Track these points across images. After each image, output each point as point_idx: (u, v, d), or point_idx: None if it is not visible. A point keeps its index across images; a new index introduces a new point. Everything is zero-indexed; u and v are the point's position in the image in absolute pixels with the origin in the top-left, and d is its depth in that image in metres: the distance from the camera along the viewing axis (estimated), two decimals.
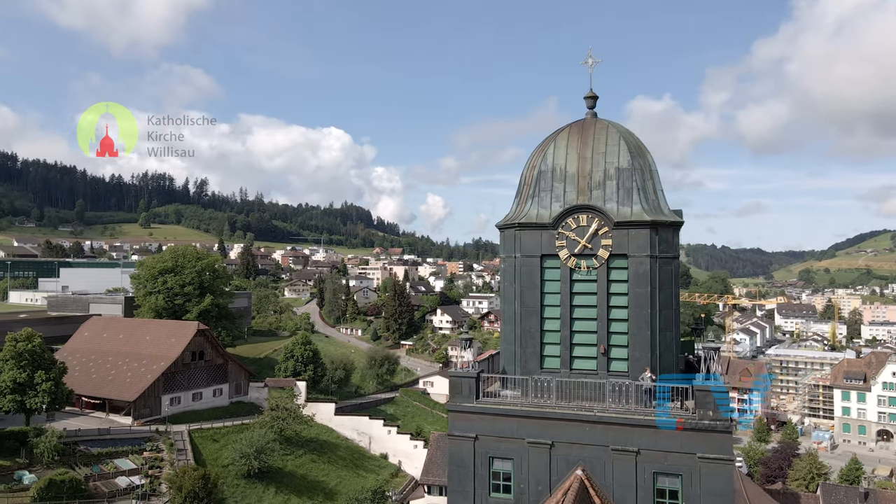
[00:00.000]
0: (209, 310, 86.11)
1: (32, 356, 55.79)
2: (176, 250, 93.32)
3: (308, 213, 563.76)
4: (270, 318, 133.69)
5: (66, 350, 76.47)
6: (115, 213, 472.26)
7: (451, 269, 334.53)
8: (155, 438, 61.09)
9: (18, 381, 54.78)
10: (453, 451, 21.89)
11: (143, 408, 66.19)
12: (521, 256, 22.34)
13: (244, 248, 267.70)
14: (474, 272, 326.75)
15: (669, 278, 21.49)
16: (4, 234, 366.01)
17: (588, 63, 25.06)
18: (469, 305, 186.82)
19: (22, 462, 52.18)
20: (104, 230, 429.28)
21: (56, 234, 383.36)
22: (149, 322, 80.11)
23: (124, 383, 67.59)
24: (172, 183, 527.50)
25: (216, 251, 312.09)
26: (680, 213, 23.32)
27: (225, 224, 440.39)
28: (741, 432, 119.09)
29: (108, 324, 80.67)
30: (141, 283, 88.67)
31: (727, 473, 19.07)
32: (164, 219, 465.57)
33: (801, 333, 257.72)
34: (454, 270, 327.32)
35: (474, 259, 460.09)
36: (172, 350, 70.30)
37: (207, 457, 61.48)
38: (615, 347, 21.30)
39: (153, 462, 56.71)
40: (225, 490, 57.63)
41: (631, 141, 22.72)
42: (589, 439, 20.02)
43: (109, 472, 54.26)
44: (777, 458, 79.60)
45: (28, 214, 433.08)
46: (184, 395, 70.69)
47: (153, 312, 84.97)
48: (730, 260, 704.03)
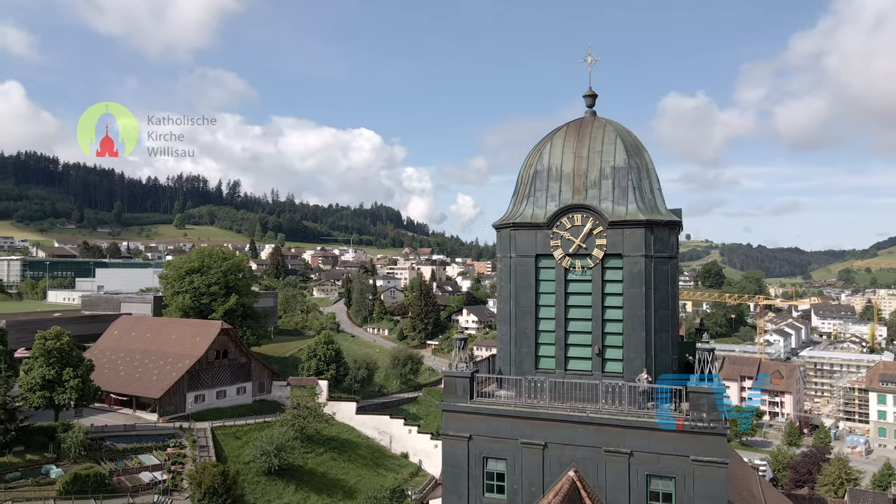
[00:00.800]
0: (234, 309, 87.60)
1: (61, 354, 57.53)
2: (202, 251, 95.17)
3: (338, 213, 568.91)
4: (296, 317, 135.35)
5: (96, 348, 78.67)
6: (151, 214, 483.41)
7: (478, 269, 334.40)
8: (178, 435, 62.43)
9: (47, 377, 56.57)
10: (447, 451, 21.91)
11: (169, 405, 67.67)
12: (516, 256, 22.28)
13: (274, 249, 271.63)
14: None
15: (665, 278, 21.18)
16: (46, 236, 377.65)
17: (587, 61, 24.85)
18: (495, 305, 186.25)
19: (50, 456, 53.80)
20: (141, 231, 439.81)
21: (95, 236, 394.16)
22: (175, 321, 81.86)
23: (150, 381, 69.20)
24: (206, 185, 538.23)
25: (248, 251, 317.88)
26: (679, 213, 23.02)
27: (257, 225, 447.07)
28: (772, 435, 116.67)
29: (136, 323, 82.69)
30: (169, 283, 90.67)
31: (721, 476, 18.76)
32: (198, 220, 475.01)
33: (839, 335, 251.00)
34: (482, 270, 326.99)
35: None
36: (197, 349, 71.75)
37: (229, 454, 62.57)
38: (610, 348, 21.09)
39: (176, 458, 57.96)
40: (245, 487, 58.60)
41: (628, 140, 22.48)
42: (582, 440, 19.87)
43: (133, 467, 55.64)
44: (806, 462, 77.73)
45: (69, 216, 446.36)
46: (208, 393, 72.07)
47: (180, 312, 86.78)
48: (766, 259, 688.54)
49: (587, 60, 24.81)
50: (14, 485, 49.02)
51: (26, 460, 52.87)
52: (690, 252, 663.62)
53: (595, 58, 24.82)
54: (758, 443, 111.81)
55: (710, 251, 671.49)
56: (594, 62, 24.81)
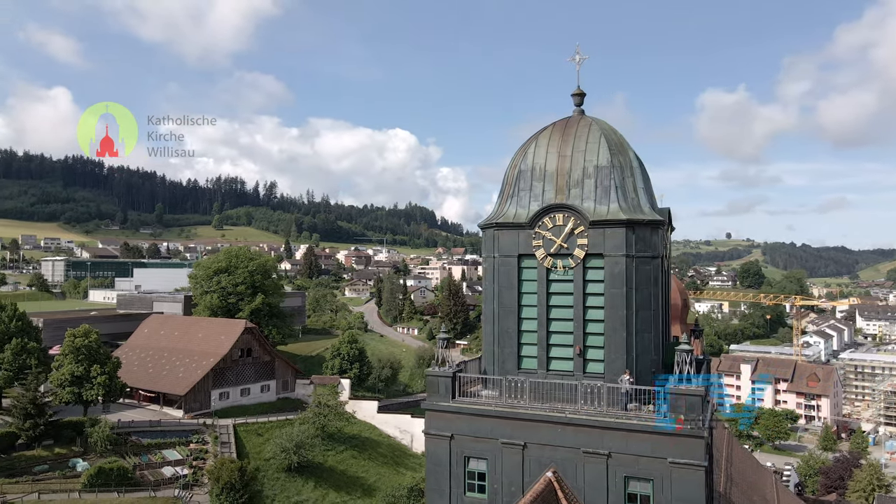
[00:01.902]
0: (260, 309, 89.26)
1: (89, 351, 59.53)
2: (230, 251, 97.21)
3: (373, 213, 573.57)
4: (325, 316, 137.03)
5: (127, 346, 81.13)
6: (191, 215, 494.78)
7: None
8: (202, 431, 63.94)
9: (76, 374, 58.61)
10: (430, 449, 22.03)
11: (194, 402, 69.36)
12: (499, 256, 22.29)
13: (307, 249, 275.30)
14: None
15: (648, 278, 20.90)
16: (91, 237, 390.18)
17: (575, 60, 24.73)
18: None
19: (77, 450, 55.71)
20: (181, 232, 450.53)
21: (137, 237, 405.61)
22: (201, 320, 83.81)
23: (177, 378, 71.03)
24: (244, 186, 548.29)
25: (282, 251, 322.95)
26: (665, 213, 22.76)
27: (292, 225, 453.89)
28: (807, 440, 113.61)
29: (165, 321, 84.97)
30: (198, 283, 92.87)
31: (698, 479, 18.55)
32: (235, 221, 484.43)
33: (885, 337, 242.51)
34: None
35: None
36: (221, 347, 73.36)
37: (251, 450, 63.82)
38: (592, 349, 20.97)
39: (198, 454, 59.37)
40: (265, 483, 59.70)
41: (612, 138, 22.30)
42: (561, 441, 19.81)
43: (157, 461, 57.23)
44: (838, 467, 75.41)
45: (113, 218, 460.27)
46: (232, 391, 73.62)
47: (209, 311, 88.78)
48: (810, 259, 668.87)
49: (575, 59, 24.69)
50: (42, 477, 50.98)
51: (54, 453, 54.90)
52: (731, 251, 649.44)
53: (583, 56, 24.67)
54: (791, 447, 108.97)
55: (752, 250, 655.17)
56: (582, 61, 24.67)
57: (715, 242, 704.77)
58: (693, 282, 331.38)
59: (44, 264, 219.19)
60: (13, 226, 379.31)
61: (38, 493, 48.34)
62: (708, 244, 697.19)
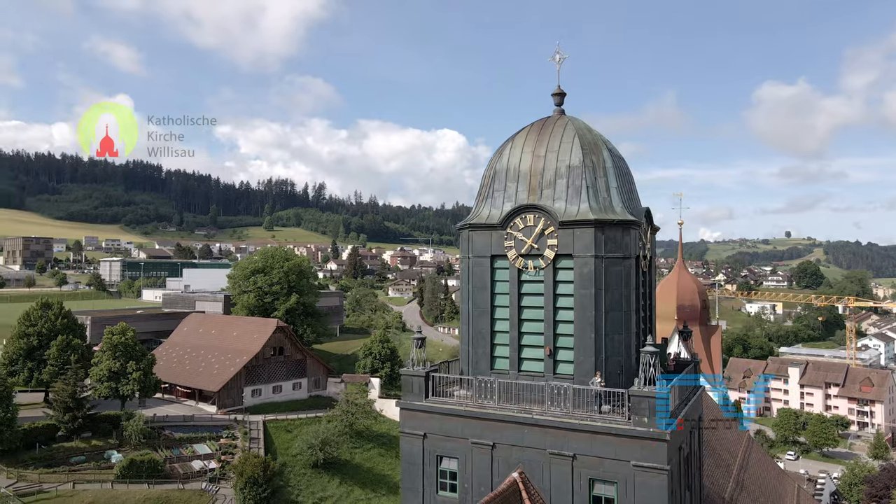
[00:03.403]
0: (295, 308, 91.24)
1: (125, 348, 62.18)
2: (266, 252, 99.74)
3: (420, 214, 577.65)
4: (363, 316, 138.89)
5: (168, 343, 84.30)
6: (244, 217, 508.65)
7: None
8: (232, 427, 65.88)
9: (113, 370, 61.29)
10: (404, 448, 22.35)
11: (227, 398, 71.53)
12: (473, 257, 22.43)
13: (352, 250, 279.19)
14: None
15: (619, 279, 20.69)
16: (149, 238, 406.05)
17: (556, 59, 24.61)
18: None
19: (113, 443, 58.29)
20: (233, 233, 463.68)
21: (192, 238, 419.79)
22: (237, 319, 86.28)
23: (211, 375, 73.40)
24: (293, 188, 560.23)
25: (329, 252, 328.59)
26: (642, 213, 22.45)
27: (340, 226, 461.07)
28: (858, 447, 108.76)
29: (203, 320, 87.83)
30: (236, 283, 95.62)
31: (661, 483, 18.28)
32: (285, 222, 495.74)
33: None
34: None
35: None
36: (254, 345, 75.39)
37: (279, 446, 65.38)
38: (562, 350, 20.89)
39: (227, 448, 61.22)
40: (292, 478, 61.10)
41: (587, 138, 22.14)
42: (528, 442, 19.85)
43: (187, 455, 59.30)
44: (884, 476, 71.90)
45: (170, 220, 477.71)
46: (264, 388, 75.58)
47: (245, 310, 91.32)
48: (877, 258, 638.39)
49: (555, 58, 24.55)
50: (78, 468, 53.60)
51: (91, 445, 57.60)
52: (790, 250, 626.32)
53: (563, 55, 24.53)
54: (841, 454, 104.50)
55: (813, 249, 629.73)
56: (562, 60, 24.53)
57: (773, 241, 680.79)
58: (746, 282, 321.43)
59: (102, 265, 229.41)
60: (78, 228, 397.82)
61: (73, 483, 50.86)
62: (766, 243, 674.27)
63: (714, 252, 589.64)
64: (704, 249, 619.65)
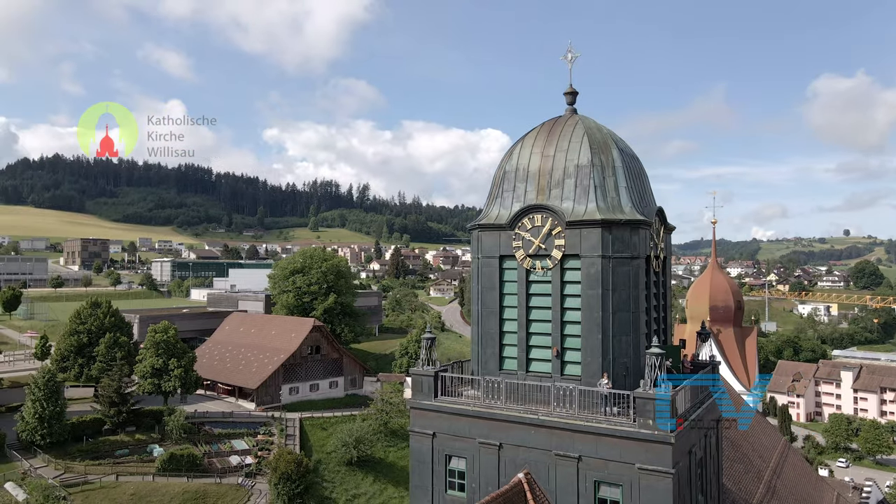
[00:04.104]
0: (333, 307, 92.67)
1: (167, 346, 64.33)
2: (305, 252, 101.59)
3: (463, 214, 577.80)
4: (403, 316, 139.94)
5: (210, 341, 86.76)
6: (290, 218, 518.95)
7: None
8: (270, 423, 67.40)
9: (155, 366, 63.50)
10: (414, 447, 22.58)
11: (265, 395, 73.21)
12: (482, 257, 22.50)
13: (395, 250, 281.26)
14: None
15: (627, 280, 20.44)
16: (200, 239, 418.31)
17: (567, 58, 24.44)
18: None
19: (155, 437, 60.37)
20: (280, 234, 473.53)
21: (240, 238, 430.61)
22: (276, 318, 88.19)
23: (250, 372, 75.23)
24: (338, 189, 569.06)
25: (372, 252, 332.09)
26: (653, 213, 22.07)
27: (383, 226, 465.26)
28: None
29: (244, 319, 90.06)
30: (276, 283, 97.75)
31: (666, 487, 18.02)
32: (330, 222, 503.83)
33: None
34: None
35: None
36: (291, 344, 76.95)
37: (314, 443, 66.54)
38: (570, 351, 20.78)
39: (263, 444, 62.65)
40: (326, 475, 62.15)
41: (596, 137, 21.94)
42: (534, 443, 19.82)
43: (225, 450, 60.97)
44: None
45: (219, 221, 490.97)
46: (301, 386, 77.06)
47: (285, 309, 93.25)
48: None
49: (567, 57, 24.37)
50: (122, 460, 55.78)
51: (135, 439, 59.82)
52: (849, 249, 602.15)
53: (575, 54, 24.37)
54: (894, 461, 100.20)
55: (873, 248, 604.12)
56: (574, 58, 24.37)
57: (830, 240, 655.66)
58: (799, 282, 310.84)
59: (154, 265, 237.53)
60: (133, 229, 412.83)
61: (116, 475, 52.94)
62: (822, 242, 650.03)
63: (767, 251, 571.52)
64: (756, 248, 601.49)
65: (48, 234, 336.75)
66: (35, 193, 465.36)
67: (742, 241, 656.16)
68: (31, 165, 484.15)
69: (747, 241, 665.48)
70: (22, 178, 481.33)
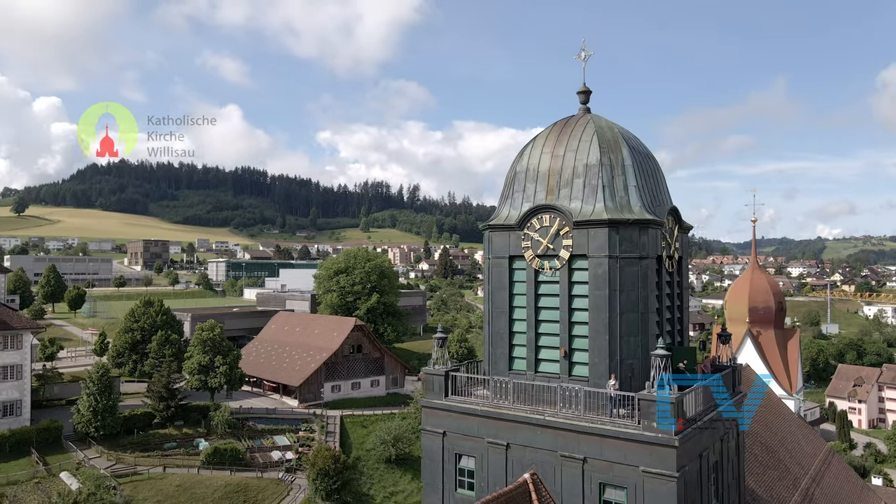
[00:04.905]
0: (376, 307, 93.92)
1: (213, 343, 66.60)
2: (349, 252, 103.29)
3: None
4: (447, 315, 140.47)
5: (257, 339, 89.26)
6: (341, 218, 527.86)
7: None
8: (311, 420, 68.88)
9: (202, 363, 65.85)
10: (425, 445, 22.89)
11: (308, 393, 74.86)
12: (493, 258, 22.65)
13: (443, 250, 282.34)
14: None
15: (635, 280, 20.26)
16: (255, 240, 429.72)
17: (581, 56, 24.30)
18: None
19: (202, 431, 62.58)
20: (331, 235, 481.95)
21: (293, 239, 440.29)
22: (319, 317, 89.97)
23: (294, 370, 77.06)
24: (388, 190, 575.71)
25: (421, 252, 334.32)
26: (665, 213, 21.70)
27: (433, 226, 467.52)
28: None
29: (289, 318, 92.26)
30: (321, 283, 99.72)
31: (670, 491, 17.79)
32: (380, 223, 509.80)
33: None
34: None
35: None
36: (333, 342, 78.43)
37: (354, 441, 67.60)
38: (578, 352, 20.74)
39: (304, 441, 64.09)
40: (365, 472, 63.10)
41: (606, 136, 21.78)
42: (540, 443, 19.87)
43: (267, 446, 62.67)
44: None
45: (274, 222, 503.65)
46: (343, 384, 78.40)
47: (329, 309, 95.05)
48: None
49: (580, 56, 24.23)
50: (170, 453, 58.06)
51: (182, 433, 62.16)
52: None
53: (588, 52, 24.17)
54: None
55: None
56: (587, 57, 24.18)
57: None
58: (866, 282, 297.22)
59: (210, 265, 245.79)
60: (192, 231, 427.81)
61: (163, 467, 55.16)
62: (894, 240, 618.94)
63: (832, 250, 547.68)
64: (821, 248, 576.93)
65: (114, 236, 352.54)
66: (102, 197, 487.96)
67: (806, 240, 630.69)
68: (99, 170, 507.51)
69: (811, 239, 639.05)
70: (91, 182, 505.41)
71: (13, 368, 60.44)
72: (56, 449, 57.47)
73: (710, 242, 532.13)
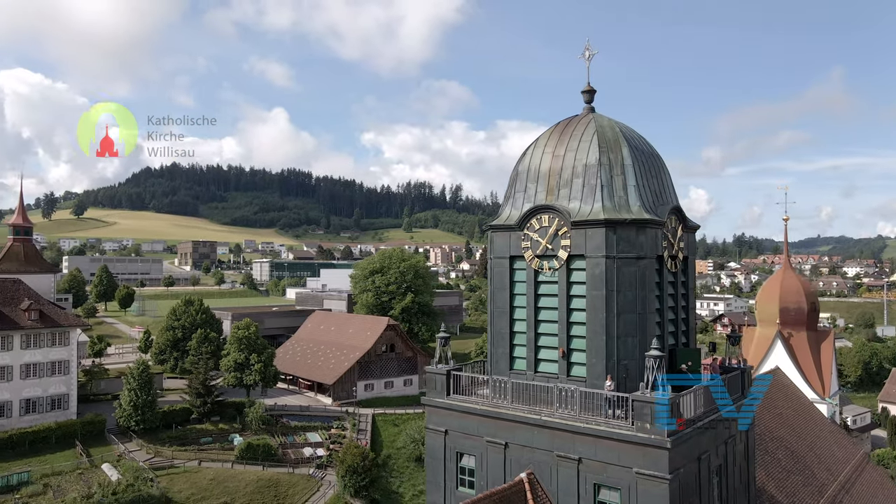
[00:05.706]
0: (410, 307, 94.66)
1: (249, 341, 68.33)
2: (384, 253, 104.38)
3: None
4: (484, 315, 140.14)
5: (294, 338, 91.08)
6: (384, 219, 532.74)
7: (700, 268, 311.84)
8: (343, 418, 69.95)
9: (238, 361, 67.64)
10: (428, 443, 23.25)
11: (341, 391, 76.03)
12: (494, 258, 22.83)
13: (484, 249, 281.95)
14: (724, 271, 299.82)
15: (632, 280, 20.14)
16: (300, 240, 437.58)
17: (585, 56, 24.24)
18: (703, 307, 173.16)
19: (237, 427, 64.29)
20: (374, 235, 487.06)
21: (337, 240, 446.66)
22: (354, 317, 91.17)
23: (328, 368, 78.36)
24: (431, 190, 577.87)
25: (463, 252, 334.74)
26: (667, 213, 21.44)
27: (475, 226, 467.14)
28: None
29: (325, 318, 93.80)
30: (356, 283, 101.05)
31: (662, 492, 17.67)
32: (423, 223, 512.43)
33: None
34: (702, 270, 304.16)
35: (734, 257, 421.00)
36: (367, 342, 79.45)
37: (385, 439, 68.33)
38: (576, 352, 20.75)
39: (336, 438, 65.09)
40: (395, 470, 63.70)
41: (607, 135, 21.71)
42: (537, 443, 19.98)
43: (300, 442, 63.90)
44: None
45: (318, 223, 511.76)
46: (376, 383, 79.32)
47: (365, 308, 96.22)
48: None
49: (584, 55, 24.16)
50: (206, 448, 59.82)
51: (218, 428, 64.00)
52: None
53: (592, 51, 24.10)
54: None
55: None
56: (592, 56, 24.10)
57: None
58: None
59: (254, 265, 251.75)
60: (239, 232, 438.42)
61: (199, 461, 56.91)
62: None
63: (894, 248, 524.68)
64: (882, 246, 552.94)
65: (165, 237, 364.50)
66: (156, 199, 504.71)
67: (865, 238, 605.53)
68: (152, 174, 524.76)
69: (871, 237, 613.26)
70: (144, 185, 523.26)
71: (61, 364, 63.34)
72: (99, 441, 59.99)
73: (761, 241, 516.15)
